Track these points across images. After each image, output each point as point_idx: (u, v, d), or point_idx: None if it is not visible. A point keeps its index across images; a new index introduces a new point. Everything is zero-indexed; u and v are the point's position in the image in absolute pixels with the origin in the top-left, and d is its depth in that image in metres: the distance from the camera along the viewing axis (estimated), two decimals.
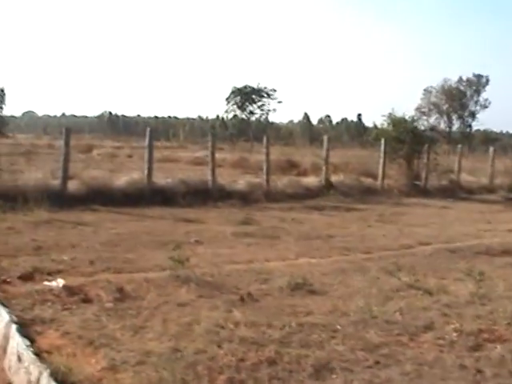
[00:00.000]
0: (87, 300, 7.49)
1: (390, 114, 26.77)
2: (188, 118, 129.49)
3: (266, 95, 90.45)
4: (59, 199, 15.04)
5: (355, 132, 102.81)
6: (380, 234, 13.61)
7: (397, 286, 8.60)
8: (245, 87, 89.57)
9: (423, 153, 25.89)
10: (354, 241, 12.52)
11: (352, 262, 10.37)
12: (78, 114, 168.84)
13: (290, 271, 9.13)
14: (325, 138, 24.04)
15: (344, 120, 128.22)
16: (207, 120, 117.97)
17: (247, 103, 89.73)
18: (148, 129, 18.60)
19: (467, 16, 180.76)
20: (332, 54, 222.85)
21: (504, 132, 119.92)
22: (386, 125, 27.14)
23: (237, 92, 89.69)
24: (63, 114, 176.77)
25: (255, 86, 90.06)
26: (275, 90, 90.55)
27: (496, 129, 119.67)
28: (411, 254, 11.24)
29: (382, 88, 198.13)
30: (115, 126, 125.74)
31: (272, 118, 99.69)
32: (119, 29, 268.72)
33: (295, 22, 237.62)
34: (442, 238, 13.21)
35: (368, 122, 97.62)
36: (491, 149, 29.49)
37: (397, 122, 26.27)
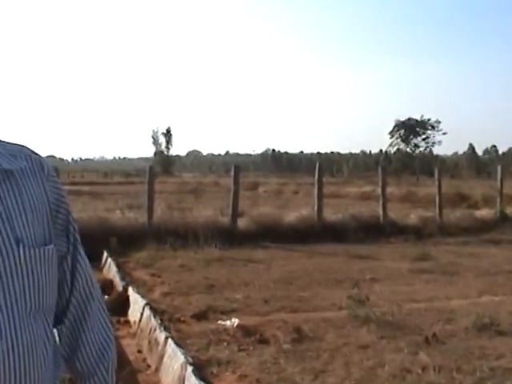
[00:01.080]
0: (263, 340, 7.31)
1: None
2: (351, 153, 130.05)
3: (430, 127, 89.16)
4: (229, 236, 15.11)
5: None
6: None
7: None
8: (408, 120, 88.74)
9: None
10: None
11: None
12: (241, 151, 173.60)
13: (474, 310, 8.57)
14: (498, 168, 23.18)
15: (511, 149, 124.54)
16: (370, 154, 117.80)
17: (411, 136, 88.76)
18: (317, 164, 18.50)
19: None
20: (495, 84, 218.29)
21: None
22: None
23: (400, 125, 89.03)
24: (227, 153, 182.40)
25: (418, 118, 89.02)
26: (440, 122, 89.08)
27: None
28: None
29: None
30: (279, 162, 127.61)
31: (435, 150, 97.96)
32: (275, 69, 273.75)
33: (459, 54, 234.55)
34: None
35: None
36: None
37: None
